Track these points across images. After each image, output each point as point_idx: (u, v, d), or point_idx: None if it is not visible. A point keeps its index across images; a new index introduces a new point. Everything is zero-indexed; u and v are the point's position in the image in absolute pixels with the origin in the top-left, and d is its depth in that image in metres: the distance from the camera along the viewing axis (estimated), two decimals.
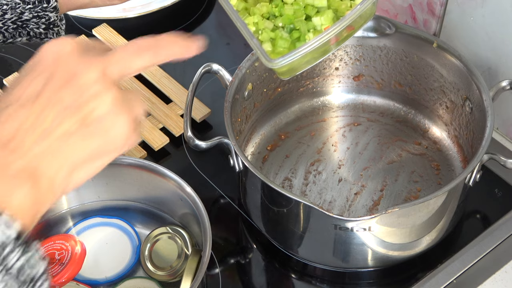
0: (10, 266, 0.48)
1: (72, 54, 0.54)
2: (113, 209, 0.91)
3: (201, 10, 1.24)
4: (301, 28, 0.67)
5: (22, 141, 0.51)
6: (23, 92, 0.53)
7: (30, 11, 0.80)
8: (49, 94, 0.52)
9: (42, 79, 0.53)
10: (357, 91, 1.04)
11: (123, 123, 0.54)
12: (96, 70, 0.53)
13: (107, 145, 0.54)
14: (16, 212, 0.50)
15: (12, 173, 0.50)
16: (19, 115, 0.52)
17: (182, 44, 0.58)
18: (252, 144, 1.00)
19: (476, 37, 0.98)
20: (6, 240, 0.48)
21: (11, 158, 0.51)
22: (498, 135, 1.02)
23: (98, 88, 0.53)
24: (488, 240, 0.90)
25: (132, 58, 0.56)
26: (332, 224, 0.79)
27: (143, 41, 0.57)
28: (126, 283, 0.85)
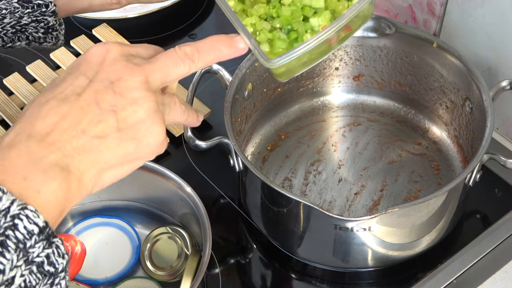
0: (31, 259, 0.49)
1: (118, 59, 0.55)
2: (113, 209, 0.91)
3: (201, 10, 1.24)
4: (298, 29, 0.67)
5: (59, 136, 0.52)
6: (66, 87, 0.54)
7: (29, 16, 0.80)
8: (92, 94, 0.54)
9: (86, 78, 0.55)
10: (357, 91, 1.04)
11: (157, 132, 0.56)
12: (138, 76, 0.55)
13: (138, 151, 0.56)
14: (42, 206, 0.50)
15: (44, 166, 0.51)
16: (60, 110, 0.53)
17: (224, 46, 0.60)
18: (252, 144, 1.00)
19: (476, 37, 0.98)
20: (28, 234, 0.49)
21: (45, 151, 0.51)
22: (498, 135, 1.02)
23: (138, 94, 0.54)
24: (488, 240, 0.90)
25: (172, 66, 0.57)
26: (332, 224, 0.79)
27: (184, 48, 0.58)
28: (126, 283, 0.85)
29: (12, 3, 0.79)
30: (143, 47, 0.59)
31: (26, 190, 0.50)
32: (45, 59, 1.13)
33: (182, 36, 1.19)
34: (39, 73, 1.11)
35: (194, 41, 0.59)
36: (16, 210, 0.48)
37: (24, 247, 0.48)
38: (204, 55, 0.59)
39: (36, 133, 0.52)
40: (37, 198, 0.50)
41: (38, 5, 0.80)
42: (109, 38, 1.15)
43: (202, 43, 0.59)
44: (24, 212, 0.49)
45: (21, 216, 0.48)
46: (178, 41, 1.19)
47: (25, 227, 0.49)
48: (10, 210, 0.48)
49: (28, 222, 0.49)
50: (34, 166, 0.51)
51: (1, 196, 0.48)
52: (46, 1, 0.80)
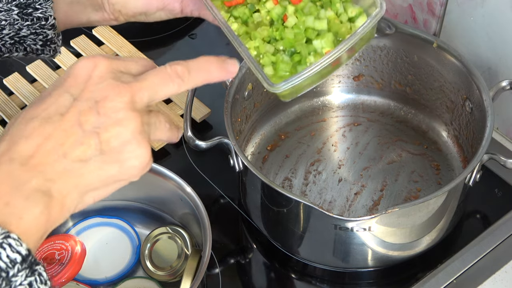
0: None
1: (104, 76, 0.54)
2: (113, 209, 0.91)
3: None
4: (302, 51, 0.67)
5: (42, 159, 0.51)
6: (50, 105, 0.53)
7: (28, 28, 0.80)
8: (75, 115, 0.52)
9: (71, 96, 0.53)
10: (357, 91, 1.04)
11: (142, 154, 0.54)
12: (124, 96, 0.53)
13: (122, 174, 0.54)
14: (25, 232, 0.49)
15: (27, 192, 0.50)
16: (43, 131, 0.52)
17: (215, 68, 0.58)
18: (252, 144, 1.00)
19: (476, 37, 0.98)
20: (11, 263, 0.48)
21: (28, 175, 0.50)
22: (498, 135, 1.02)
23: (123, 115, 0.53)
24: (488, 240, 0.90)
25: (162, 85, 0.55)
26: (332, 224, 0.79)
27: (175, 66, 0.56)
28: (126, 283, 0.85)
29: (11, 14, 0.79)
30: (133, 61, 0.57)
31: (8, 217, 0.49)
32: (45, 59, 1.13)
33: (182, 36, 1.19)
34: (39, 73, 1.11)
35: (186, 61, 0.57)
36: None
37: (6, 276, 0.48)
38: (194, 75, 0.57)
39: (19, 155, 0.51)
40: (20, 225, 0.49)
41: (38, 18, 0.79)
42: (109, 38, 1.15)
43: (194, 63, 0.57)
44: (7, 240, 0.48)
45: (3, 245, 0.48)
46: (178, 41, 1.19)
47: (8, 256, 0.48)
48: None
49: (11, 251, 0.48)
50: (16, 191, 0.50)
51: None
52: (46, 15, 0.80)
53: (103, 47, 1.15)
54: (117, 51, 1.12)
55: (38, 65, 1.12)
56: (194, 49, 1.16)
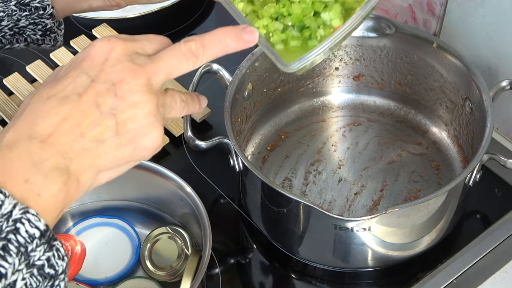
0: (32, 263, 0.49)
1: (121, 59, 0.55)
2: (113, 209, 0.91)
3: (201, 10, 1.24)
4: (311, 25, 0.67)
5: (60, 138, 0.52)
6: (67, 85, 0.54)
7: (27, 18, 0.80)
8: (93, 96, 0.53)
9: (88, 77, 0.54)
10: (357, 91, 1.04)
11: (155, 136, 0.55)
12: (140, 79, 0.54)
13: (136, 154, 0.55)
14: (43, 209, 0.50)
15: (45, 170, 0.51)
16: (61, 111, 0.52)
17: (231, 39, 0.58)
18: (252, 144, 1.00)
19: (476, 37, 0.98)
20: (30, 238, 0.49)
21: (46, 154, 0.51)
22: (498, 135, 1.02)
23: (140, 98, 0.54)
24: (488, 240, 0.90)
25: (177, 64, 0.56)
26: (332, 224, 0.79)
27: (190, 44, 0.57)
28: (126, 283, 0.85)
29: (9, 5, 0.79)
30: (148, 40, 0.58)
31: (27, 193, 0.50)
32: (45, 59, 1.13)
33: (182, 36, 1.19)
34: (39, 73, 1.11)
35: (200, 35, 0.57)
36: (18, 214, 0.49)
37: (25, 251, 0.49)
38: (209, 50, 0.58)
39: (37, 133, 0.52)
40: (38, 201, 0.50)
41: (35, 8, 0.79)
42: None
43: (209, 37, 0.58)
44: (26, 216, 0.49)
45: (23, 220, 0.49)
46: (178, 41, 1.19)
47: (26, 231, 0.49)
48: (12, 214, 0.48)
49: (29, 226, 0.49)
50: (35, 168, 0.51)
51: (3, 199, 0.48)
52: (43, 4, 0.80)
53: None
54: None
55: (38, 65, 1.12)
56: None
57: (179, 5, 1.21)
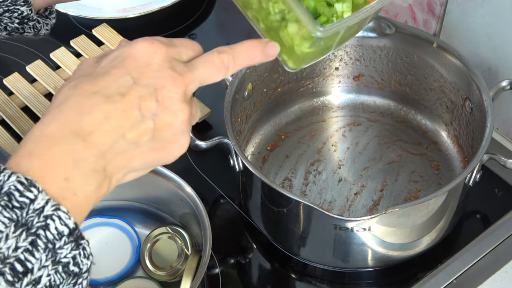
0: (58, 260, 0.49)
1: (163, 65, 0.55)
2: (113, 209, 0.91)
3: (201, 10, 1.24)
4: (325, 12, 0.67)
5: (102, 138, 0.52)
6: (111, 83, 0.54)
7: (1, 6, 0.79)
8: (136, 98, 0.53)
9: (131, 78, 0.54)
10: (357, 91, 1.04)
11: (184, 144, 0.57)
12: (180, 88, 0.55)
13: (163, 159, 0.57)
14: (75, 208, 0.51)
15: (85, 169, 0.51)
16: (104, 109, 0.52)
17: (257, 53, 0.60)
18: (252, 144, 1.00)
19: (476, 37, 0.98)
20: (58, 235, 0.49)
21: (88, 153, 0.51)
22: (498, 135, 1.02)
23: (178, 107, 0.55)
24: (488, 240, 0.90)
25: (210, 75, 0.58)
26: (332, 224, 0.79)
27: (223, 56, 0.58)
28: (126, 283, 0.85)
29: None
30: (183, 46, 0.58)
31: (64, 191, 0.50)
32: (45, 59, 1.13)
33: (182, 36, 1.19)
34: (39, 73, 1.11)
35: (231, 46, 0.58)
36: (49, 211, 0.49)
37: (53, 248, 0.49)
38: (238, 63, 0.59)
39: (81, 130, 0.51)
40: (73, 200, 0.51)
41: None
42: (109, 38, 1.15)
43: (239, 50, 0.59)
44: (57, 213, 0.49)
45: (53, 216, 0.49)
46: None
47: (56, 228, 0.49)
48: (44, 209, 0.49)
49: (59, 223, 0.49)
50: (75, 167, 0.51)
51: (36, 194, 0.49)
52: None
53: (103, 47, 1.15)
54: None
55: (38, 65, 1.12)
56: None
57: (179, 5, 1.21)
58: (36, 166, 0.50)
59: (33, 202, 0.49)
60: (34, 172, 0.50)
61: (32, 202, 0.48)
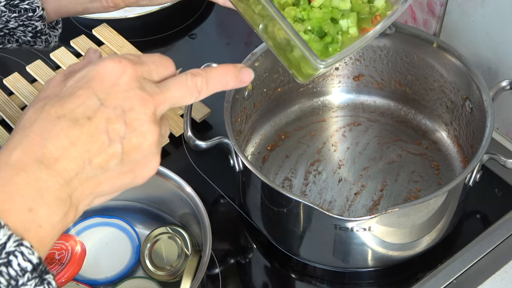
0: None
1: (131, 85, 0.53)
2: (113, 209, 0.91)
3: (201, 10, 1.24)
4: (330, 31, 0.67)
5: (67, 164, 0.50)
6: (77, 106, 0.52)
7: (16, 20, 0.79)
8: (103, 122, 0.51)
9: (98, 100, 0.52)
10: (357, 91, 1.04)
11: (154, 165, 0.55)
12: (149, 109, 0.53)
13: (133, 182, 0.55)
14: (40, 241, 0.49)
15: (50, 199, 0.50)
16: (70, 133, 0.51)
17: (231, 78, 0.59)
18: (252, 144, 1.00)
19: (476, 37, 0.98)
20: (21, 271, 0.48)
21: (53, 181, 0.50)
22: (498, 135, 1.02)
23: (146, 128, 0.53)
24: (488, 240, 0.90)
25: (181, 98, 0.56)
26: (332, 224, 0.79)
27: (196, 79, 0.56)
28: (126, 283, 0.85)
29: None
30: (154, 63, 0.56)
31: (29, 224, 0.49)
32: (45, 59, 1.13)
33: (182, 36, 1.19)
34: (39, 73, 1.11)
35: (205, 69, 0.57)
36: (12, 247, 0.47)
37: (16, 284, 0.48)
38: (211, 87, 0.57)
39: (45, 157, 0.50)
40: (38, 232, 0.49)
41: (24, 9, 0.78)
42: (109, 38, 1.15)
43: (213, 75, 0.57)
44: (20, 248, 0.48)
45: (16, 253, 0.48)
46: (178, 41, 1.19)
47: (19, 264, 0.48)
48: (6, 246, 0.47)
49: (22, 259, 0.48)
50: (40, 197, 0.49)
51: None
52: (33, 6, 0.79)
53: (103, 47, 1.15)
54: (117, 51, 1.12)
55: (38, 65, 1.12)
56: (194, 49, 1.16)
57: (179, 5, 1.21)
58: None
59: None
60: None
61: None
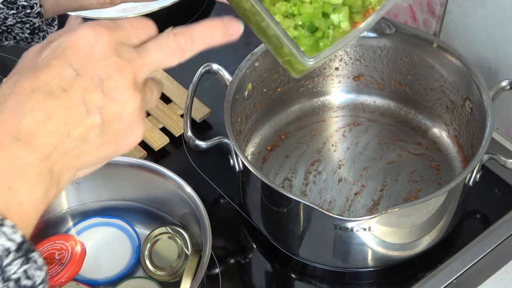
0: (7, 277, 0.47)
1: (107, 52, 0.51)
2: (113, 209, 0.91)
3: (201, 10, 1.24)
4: (320, 25, 0.67)
5: (44, 139, 0.49)
6: (52, 78, 0.50)
7: (14, 17, 0.79)
8: (80, 92, 0.50)
9: (73, 70, 0.50)
10: (357, 91, 1.04)
11: (138, 133, 0.53)
12: (128, 76, 0.51)
13: (117, 152, 0.53)
14: (23, 219, 0.48)
15: (29, 176, 0.48)
16: (45, 107, 0.49)
17: (218, 33, 0.55)
18: (252, 144, 1.00)
19: (476, 37, 0.98)
20: (5, 252, 0.47)
21: (30, 157, 0.48)
22: (498, 135, 1.02)
23: (126, 96, 0.51)
24: (488, 240, 0.90)
25: (164, 60, 0.53)
26: (332, 224, 0.79)
27: (178, 38, 0.53)
28: (126, 283, 0.85)
29: None
30: (132, 26, 0.53)
31: (9, 202, 0.48)
32: None
33: None
34: None
35: (189, 27, 0.54)
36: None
37: (0, 265, 0.46)
38: (196, 44, 0.54)
39: (21, 133, 0.48)
40: (19, 210, 0.48)
41: (22, 6, 0.78)
42: None
43: (197, 32, 0.54)
44: (2, 229, 0.47)
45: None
46: None
47: (2, 245, 0.46)
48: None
49: (5, 239, 0.46)
50: (18, 175, 0.48)
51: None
52: (30, 3, 0.79)
53: None
54: None
55: None
56: None
57: (179, 5, 1.21)
58: None
59: None
60: None
61: None
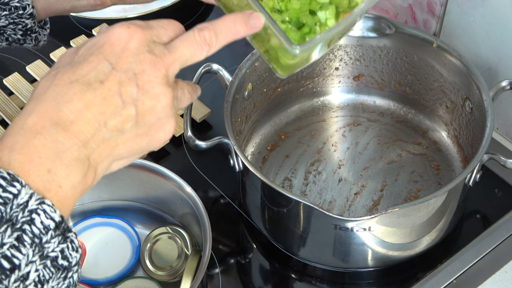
0: (46, 254, 0.49)
1: (140, 49, 0.54)
2: (113, 209, 0.91)
3: (201, 10, 1.24)
4: (308, 22, 0.67)
5: (83, 126, 0.51)
6: (89, 71, 0.53)
7: (6, 18, 0.79)
8: (116, 84, 0.53)
9: (109, 64, 0.53)
10: (357, 91, 1.04)
11: (169, 128, 0.56)
12: (160, 71, 0.54)
13: (150, 145, 0.56)
14: (61, 200, 0.50)
15: (68, 160, 0.51)
16: (84, 97, 0.52)
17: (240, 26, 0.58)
18: (252, 144, 1.00)
19: (476, 37, 0.98)
20: (45, 229, 0.49)
21: (70, 142, 0.51)
22: (498, 135, 1.02)
23: (159, 90, 0.54)
24: (488, 240, 0.90)
25: (192, 55, 0.56)
26: (332, 224, 0.79)
27: (204, 33, 0.57)
28: (126, 283, 0.85)
29: None
30: (162, 27, 0.57)
31: (49, 184, 0.50)
32: (45, 59, 1.13)
33: None
34: (39, 73, 1.11)
35: (212, 22, 0.57)
36: (34, 205, 0.48)
37: (39, 242, 0.49)
38: (221, 38, 0.57)
39: (61, 120, 0.51)
40: (58, 192, 0.50)
41: (15, 7, 0.79)
42: None
43: (221, 26, 0.58)
44: (42, 206, 0.49)
45: (38, 210, 0.48)
46: None
47: (41, 222, 0.49)
48: (28, 204, 0.48)
49: (45, 217, 0.49)
50: (58, 159, 0.50)
51: (20, 189, 0.48)
52: (23, 4, 0.79)
53: None
54: None
55: (38, 65, 1.12)
56: None
57: (179, 5, 1.21)
58: (18, 160, 0.49)
59: (16, 197, 0.48)
60: (16, 166, 0.49)
61: (16, 197, 0.48)
